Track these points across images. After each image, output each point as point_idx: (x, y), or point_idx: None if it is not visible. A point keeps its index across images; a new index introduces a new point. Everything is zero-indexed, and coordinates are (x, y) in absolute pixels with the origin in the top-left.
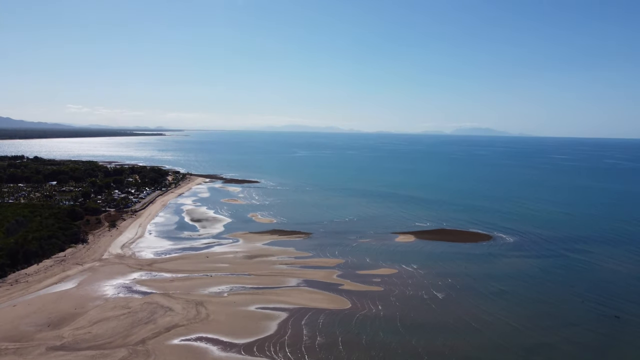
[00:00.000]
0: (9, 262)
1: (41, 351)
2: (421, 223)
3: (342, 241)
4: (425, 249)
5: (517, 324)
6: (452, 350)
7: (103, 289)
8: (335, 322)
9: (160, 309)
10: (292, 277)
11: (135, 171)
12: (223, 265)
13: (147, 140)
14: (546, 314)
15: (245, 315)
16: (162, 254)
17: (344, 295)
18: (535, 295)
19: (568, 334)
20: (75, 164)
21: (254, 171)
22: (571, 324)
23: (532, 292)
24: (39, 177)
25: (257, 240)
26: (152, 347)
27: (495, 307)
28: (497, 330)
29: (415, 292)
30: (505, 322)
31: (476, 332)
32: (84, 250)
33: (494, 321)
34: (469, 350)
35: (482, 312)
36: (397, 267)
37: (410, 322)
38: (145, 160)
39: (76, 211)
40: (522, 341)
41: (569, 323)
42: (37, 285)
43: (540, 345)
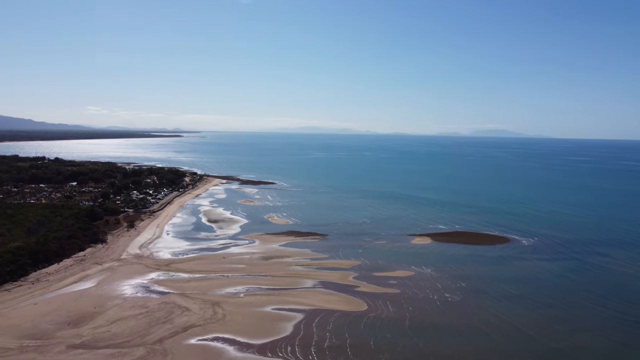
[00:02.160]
0: (30, 261)
1: (61, 349)
2: (437, 225)
3: (357, 243)
4: (442, 251)
5: (528, 329)
6: (459, 354)
7: (121, 288)
8: (352, 323)
9: (177, 308)
10: (308, 279)
11: (153, 172)
12: (239, 266)
13: (164, 142)
14: (558, 319)
15: (262, 316)
16: (180, 254)
17: (361, 297)
18: (548, 300)
19: (580, 340)
20: (94, 165)
21: (270, 173)
22: (584, 330)
23: (545, 297)
24: (59, 177)
25: (273, 242)
26: (169, 347)
27: (508, 311)
28: (506, 334)
29: (432, 294)
30: (516, 326)
31: (485, 336)
32: (103, 250)
33: (505, 325)
34: (476, 354)
35: (493, 315)
36: (414, 269)
37: (435, 324)
38: (162, 161)
39: (95, 212)
40: (531, 346)
41: (582, 329)
42: (58, 284)
43: (550, 350)
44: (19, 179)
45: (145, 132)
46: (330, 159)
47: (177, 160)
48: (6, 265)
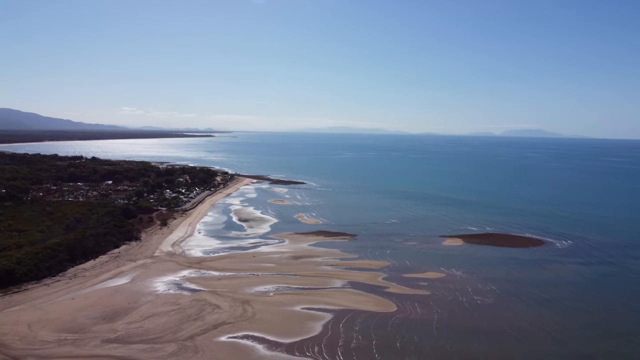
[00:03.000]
0: (68, 257)
1: (96, 343)
2: (469, 226)
3: (387, 243)
4: (474, 253)
5: (558, 334)
6: (486, 358)
7: (154, 285)
8: (381, 325)
9: (208, 306)
10: (337, 279)
11: (186, 171)
12: (269, 265)
13: (196, 142)
14: (591, 324)
15: (291, 315)
16: (211, 252)
17: (390, 298)
18: (581, 305)
19: (612, 346)
20: (129, 164)
21: (300, 172)
22: (616, 336)
23: (578, 301)
24: (96, 176)
25: (303, 241)
26: (200, 343)
27: (538, 316)
28: (535, 339)
29: (462, 297)
30: (546, 331)
31: (513, 340)
32: (137, 248)
33: (534, 330)
34: (504, 358)
35: (523, 320)
36: (444, 271)
37: (463, 327)
38: (195, 161)
39: (130, 210)
40: (560, 352)
41: (614, 335)
42: (94, 280)
43: (580, 357)
44: (58, 177)
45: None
46: (360, 159)
47: (208, 159)
48: (45, 261)
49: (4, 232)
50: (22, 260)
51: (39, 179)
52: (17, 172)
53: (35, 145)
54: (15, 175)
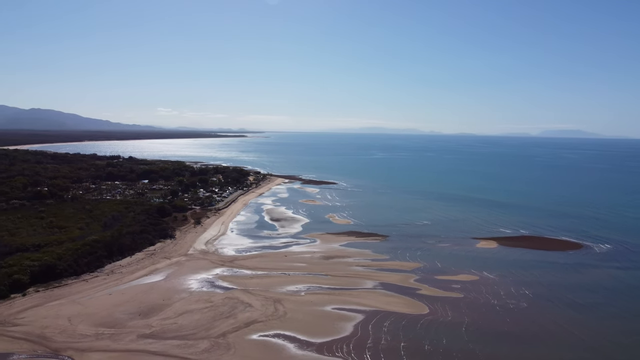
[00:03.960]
0: (106, 253)
1: (132, 338)
2: (504, 229)
3: (419, 245)
4: (509, 256)
5: (593, 340)
6: None
7: (188, 282)
8: (413, 327)
9: (240, 304)
10: (368, 280)
11: (219, 171)
12: (300, 265)
13: (229, 142)
14: (626, 331)
15: (322, 315)
16: (243, 251)
17: (422, 300)
18: (617, 311)
19: None
20: (164, 164)
21: (331, 172)
22: None
23: (615, 307)
24: (132, 175)
25: (334, 241)
26: (232, 341)
27: (572, 321)
28: (568, 344)
29: (495, 300)
30: (580, 337)
31: (545, 345)
32: (172, 245)
33: (567, 335)
34: None
35: (556, 325)
36: (478, 274)
37: (495, 331)
38: (227, 160)
39: (165, 208)
40: (592, 358)
41: None
42: (130, 276)
43: None
44: (96, 176)
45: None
46: (392, 159)
47: (241, 159)
48: (84, 257)
49: (46, 229)
50: (63, 256)
51: (79, 177)
52: (59, 171)
53: (75, 145)
54: (56, 174)
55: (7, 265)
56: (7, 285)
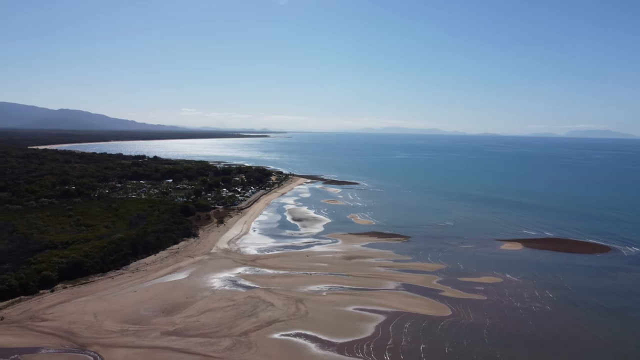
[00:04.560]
0: (131, 251)
1: (156, 335)
2: (529, 230)
3: (442, 246)
4: (534, 259)
5: (618, 345)
6: None
7: (211, 281)
8: (435, 328)
9: (262, 303)
10: (390, 280)
11: (242, 171)
12: (322, 265)
13: (252, 142)
14: None
15: (343, 315)
16: (265, 250)
17: (445, 301)
18: None
19: None
20: (188, 164)
21: (353, 173)
22: None
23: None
24: (157, 175)
25: (356, 242)
26: (254, 339)
27: (597, 326)
28: (591, 350)
29: (519, 303)
30: (604, 342)
31: (567, 350)
32: (195, 244)
33: (592, 340)
34: None
35: (580, 329)
36: (502, 276)
37: (518, 334)
38: (250, 160)
39: (189, 207)
40: None
41: None
42: (154, 274)
43: None
44: (122, 175)
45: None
46: (415, 159)
47: (264, 159)
48: (111, 255)
49: (74, 227)
50: (90, 254)
51: (106, 176)
52: (86, 170)
53: (102, 144)
54: (84, 173)
55: (37, 262)
56: (36, 281)
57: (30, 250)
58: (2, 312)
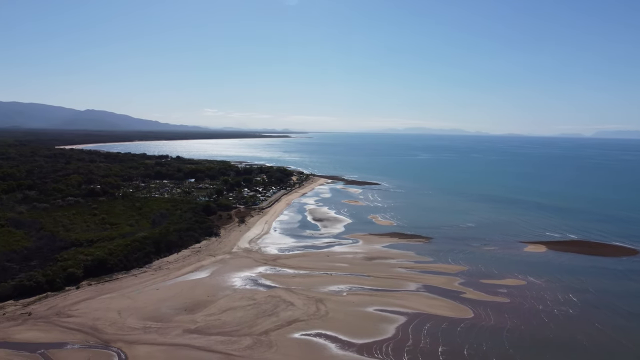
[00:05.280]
0: (154, 250)
1: (178, 333)
2: (553, 233)
3: (464, 247)
4: (559, 261)
5: (637, 349)
6: None
7: (232, 280)
8: (457, 331)
9: (282, 303)
10: (411, 282)
11: (263, 171)
12: (342, 265)
13: (273, 142)
14: None
15: (363, 315)
16: (286, 250)
17: (467, 304)
18: None
19: None
20: (210, 164)
21: (374, 173)
22: None
23: None
24: (180, 174)
25: (377, 242)
26: (274, 339)
27: (621, 331)
28: (614, 355)
29: (542, 306)
30: (628, 347)
31: (589, 355)
32: (216, 243)
33: (615, 345)
34: None
35: (603, 333)
36: (525, 279)
37: (540, 338)
38: (271, 160)
39: (210, 207)
40: None
41: None
42: (176, 272)
43: None
44: (146, 175)
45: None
46: (437, 160)
47: (285, 159)
48: (134, 253)
49: (99, 225)
50: (114, 252)
51: (130, 176)
52: (111, 170)
53: (126, 144)
54: (109, 172)
55: (63, 259)
56: (62, 278)
57: (56, 248)
58: (30, 307)
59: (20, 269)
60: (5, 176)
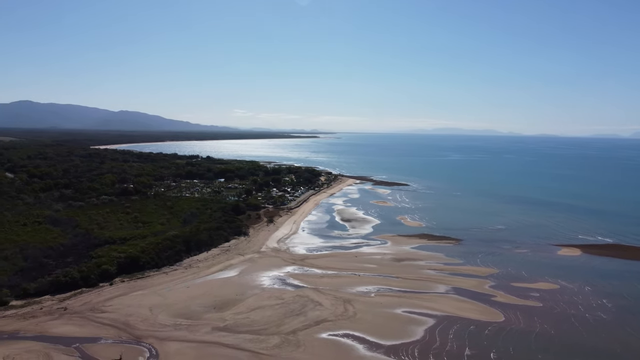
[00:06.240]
0: (184, 248)
1: (207, 330)
2: (588, 236)
3: (495, 250)
4: (594, 266)
5: None
6: None
7: (260, 279)
8: (487, 334)
9: (310, 302)
10: (440, 284)
11: (291, 171)
12: (370, 266)
13: (302, 142)
14: None
15: (391, 317)
16: (314, 250)
17: (497, 307)
18: None
19: None
20: (239, 164)
21: (403, 174)
22: None
23: None
24: (210, 174)
25: (405, 244)
26: (302, 338)
27: None
28: None
29: (574, 310)
30: None
31: None
32: (245, 242)
33: None
34: None
35: (637, 339)
36: (558, 282)
37: (572, 343)
38: (300, 161)
39: (239, 206)
40: None
41: None
42: (206, 270)
43: None
44: (177, 174)
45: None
46: (467, 161)
47: (313, 160)
48: (165, 251)
49: (131, 223)
50: (146, 250)
51: (161, 175)
52: (143, 170)
53: (158, 144)
54: (141, 172)
55: (97, 256)
56: (96, 274)
57: (91, 245)
58: (66, 302)
59: (57, 265)
60: (43, 175)
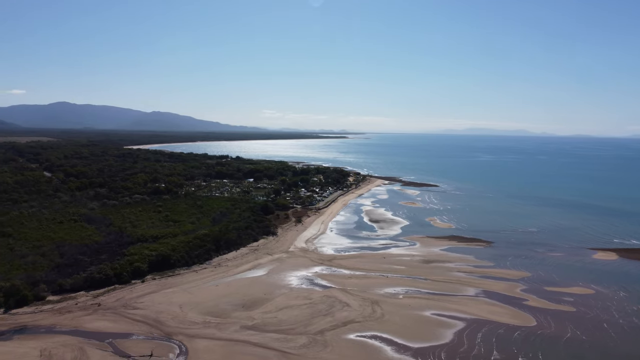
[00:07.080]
0: (214, 247)
1: (236, 329)
2: (624, 240)
3: (527, 253)
4: (630, 270)
5: None
6: None
7: (288, 278)
8: (515, 338)
9: (338, 303)
10: (470, 286)
11: (320, 171)
12: (399, 267)
13: (330, 143)
14: None
15: (420, 319)
16: (341, 251)
17: (529, 311)
18: None
19: None
20: (268, 164)
21: (433, 175)
22: None
23: None
24: (239, 174)
25: (434, 245)
26: (329, 339)
27: None
28: None
29: (608, 316)
30: None
31: None
32: (274, 242)
33: None
34: None
35: None
36: (593, 287)
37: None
38: (328, 161)
39: (268, 206)
40: None
41: None
42: (235, 269)
43: None
44: (207, 174)
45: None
46: (499, 162)
47: (341, 160)
48: (195, 250)
49: (162, 222)
50: (176, 248)
51: (192, 175)
52: (174, 169)
53: (189, 145)
54: (172, 171)
55: (129, 254)
56: (129, 272)
57: (124, 243)
58: (99, 299)
59: (91, 262)
60: (78, 174)
